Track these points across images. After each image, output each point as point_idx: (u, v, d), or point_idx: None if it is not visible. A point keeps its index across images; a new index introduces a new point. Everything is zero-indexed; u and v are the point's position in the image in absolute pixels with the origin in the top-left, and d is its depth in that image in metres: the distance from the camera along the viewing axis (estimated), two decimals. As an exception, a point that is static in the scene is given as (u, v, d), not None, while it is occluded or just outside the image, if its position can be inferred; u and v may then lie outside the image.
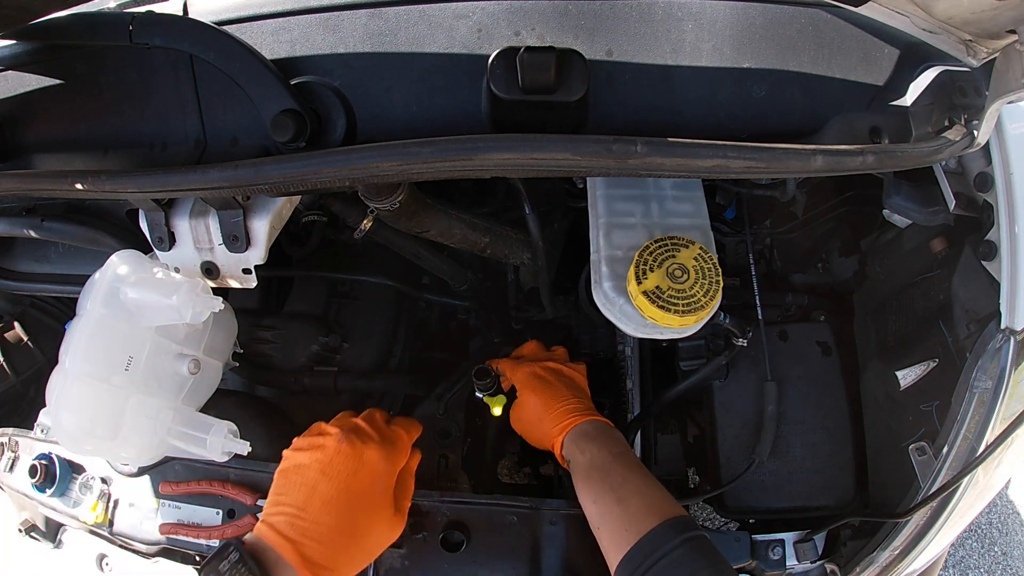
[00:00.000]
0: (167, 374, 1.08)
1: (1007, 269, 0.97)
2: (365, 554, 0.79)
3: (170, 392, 1.09)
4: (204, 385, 1.18)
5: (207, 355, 1.17)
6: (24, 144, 0.96)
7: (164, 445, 1.07)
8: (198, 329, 1.14)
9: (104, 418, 0.98)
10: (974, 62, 0.83)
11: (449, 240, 1.18)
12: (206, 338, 1.17)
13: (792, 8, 0.83)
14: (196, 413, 1.11)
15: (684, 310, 0.98)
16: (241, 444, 1.05)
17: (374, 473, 0.79)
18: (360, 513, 0.77)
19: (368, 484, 0.79)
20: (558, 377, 1.14)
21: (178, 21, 0.85)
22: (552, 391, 1.10)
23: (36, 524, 1.39)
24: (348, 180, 0.77)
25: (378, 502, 0.79)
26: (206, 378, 1.18)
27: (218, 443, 1.04)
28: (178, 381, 1.10)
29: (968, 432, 0.99)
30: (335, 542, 0.74)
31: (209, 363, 1.18)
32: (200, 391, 1.17)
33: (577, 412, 1.06)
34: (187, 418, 1.07)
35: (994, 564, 2.44)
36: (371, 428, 0.88)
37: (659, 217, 1.12)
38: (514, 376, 1.17)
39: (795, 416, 1.28)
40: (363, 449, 0.81)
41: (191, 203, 1.01)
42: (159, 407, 1.06)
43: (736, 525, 1.23)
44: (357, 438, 0.83)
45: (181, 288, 0.95)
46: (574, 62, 0.77)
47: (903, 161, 0.78)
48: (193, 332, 1.13)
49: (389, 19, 0.83)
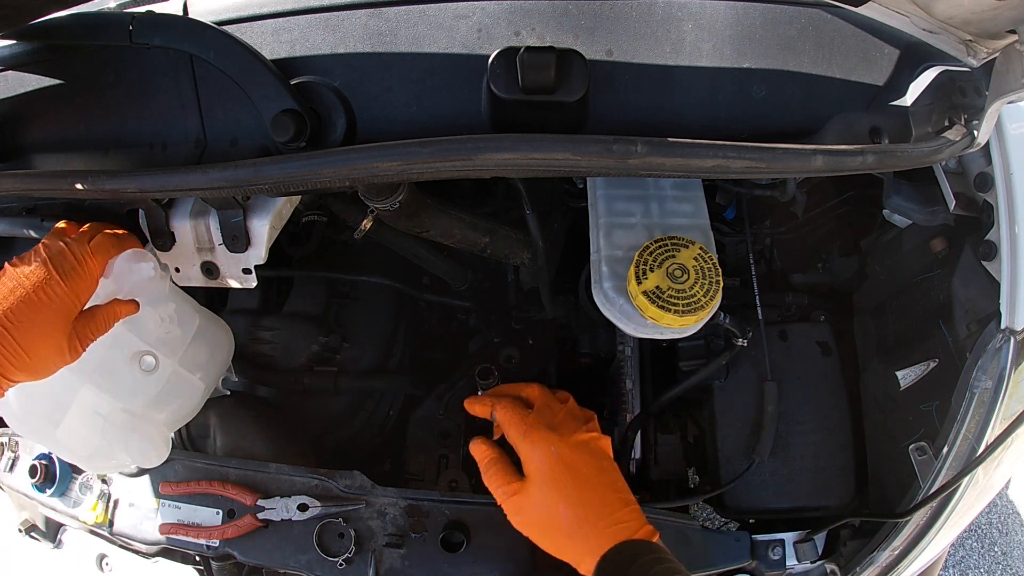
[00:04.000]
0: (123, 370, 1.01)
1: (1007, 269, 0.97)
2: (36, 368, 0.84)
3: (126, 392, 1.03)
4: (178, 403, 1.10)
5: (183, 367, 1.09)
6: (24, 144, 0.96)
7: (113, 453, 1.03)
8: (176, 335, 1.06)
9: (50, 400, 0.95)
10: (974, 62, 0.83)
11: (449, 240, 1.18)
12: (184, 347, 1.08)
13: (792, 8, 0.83)
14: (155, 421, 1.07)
15: (684, 310, 0.98)
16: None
17: (55, 295, 0.82)
18: (35, 331, 0.82)
19: (47, 303, 0.82)
20: (596, 466, 0.88)
21: (178, 21, 0.85)
22: (591, 493, 0.85)
23: (36, 524, 1.40)
24: (348, 180, 0.77)
25: (53, 325, 0.83)
26: (180, 391, 1.10)
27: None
28: (137, 381, 1.03)
29: (968, 432, 0.99)
30: (11, 347, 0.79)
31: (185, 377, 1.10)
32: (172, 408, 1.10)
33: (626, 525, 0.84)
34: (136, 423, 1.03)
35: (994, 564, 2.44)
36: (71, 254, 0.86)
37: (659, 217, 1.12)
38: (531, 456, 0.91)
39: (795, 416, 1.28)
40: (54, 275, 0.82)
41: (191, 203, 1.01)
42: (112, 406, 1.01)
43: (736, 525, 1.23)
44: (57, 262, 0.84)
45: (122, 256, 0.91)
46: (574, 62, 0.77)
47: (903, 161, 0.79)
48: (168, 336, 1.05)
49: (389, 19, 0.83)
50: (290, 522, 1.12)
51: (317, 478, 1.15)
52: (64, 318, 0.84)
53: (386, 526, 1.11)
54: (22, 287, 0.81)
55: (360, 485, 1.14)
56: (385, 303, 1.57)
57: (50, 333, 0.83)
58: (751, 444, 1.28)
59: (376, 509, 1.12)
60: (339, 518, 1.11)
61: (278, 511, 1.13)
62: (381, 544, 1.10)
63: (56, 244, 0.86)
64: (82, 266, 0.86)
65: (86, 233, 0.90)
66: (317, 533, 1.10)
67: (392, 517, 1.11)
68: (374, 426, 1.53)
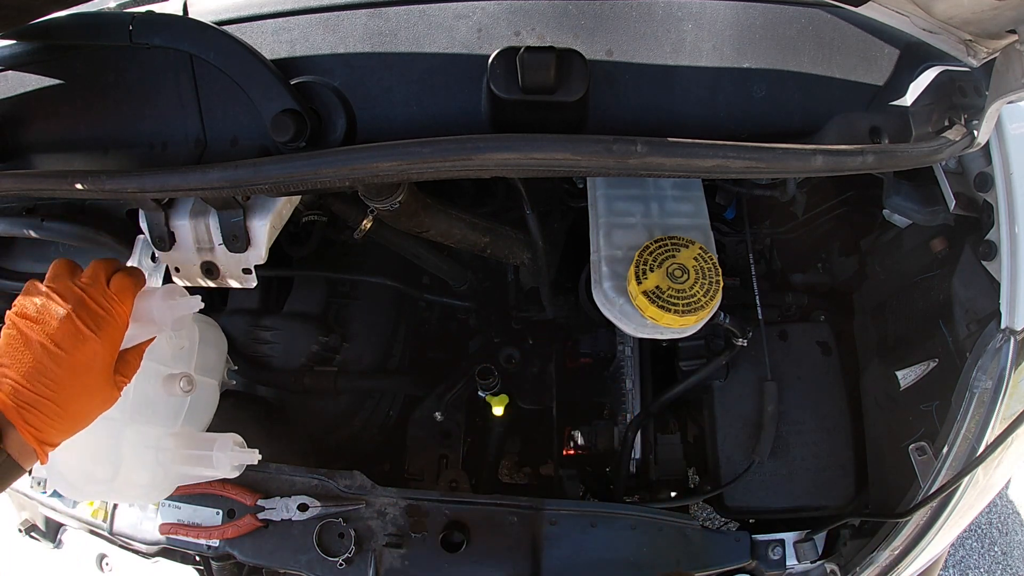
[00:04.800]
0: (160, 398, 1.00)
1: (1007, 269, 0.97)
2: (79, 425, 0.81)
3: (167, 417, 1.04)
4: (203, 406, 1.13)
5: (200, 374, 1.10)
6: (24, 144, 0.96)
7: (172, 475, 1.03)
8: (185, 347, 1.07)
9: (102, 456, 0.93)
10: (974, 62, 0.83)
11: (449, 240, 1.18)
12: (195, 356, 1.09)
13: (792, 8, 0.83)
14: (198, 433, 1.07)
15: (684, 310, 0.98)
16: (249, 453, 1.02)
17: (94, 353, 0.79)
18: (78, 390, 0.78)
19: (87, 363, 0.79)
20: None
21: (178, 21, 0.85)
22: None
23: (36, 524, 1.39)
24: (348, 180, 0.77)
25: (96, 380, 0.80)
26: (203, 398, 1.12)
27: (225, 458, 1.00)
28: (173, 404, 1.04)
29: (968, 432, 0.99)
30: (54, 414, 0.77)
31: (204, 382, 1.12)
32: (200, 413, 1.12)
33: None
34: (189, 440, 1.03)
35: (994, 564, 2.44)
36: (96, 305, 0.80)
37: (659, 217, 1.12)
38: None
39: (795, 416, 1.29)
40: (86, 332, 0.78)
41: (191, 203, 1.01)
42: (159, 435, 1.01)
43: (736, 525, 1.23)
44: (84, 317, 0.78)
45: (155, 295, 0.87)
46: (574, 62, 0.77)
47: (903, 161, 0.78)
48: (181, 352, 1.06)
49: (389, 19, 0.83)
50: (290, 522, 1.12)
51: (317, 478, 1.15)
52: (106, 372, 0.81)
53: (386, 526, 1.11)
54: (58, 349, 0.76)
55: (360, 485, 1.14)
56: (385, 303, 1.57)
57: (95, 391, 0.80)
58: (751, 444, 1.28)
59: (376, 509, 1.12)
60: (339, 518, 1.11)
61: (278, 511, 1.13)
62: (381, 544, 1.10)
63: (72, 292, 0.79)
64: (111, 316, 0.81)
65: (98, 276, 0.83)
66: (317, 533, 1.10)
67: (392, 517, 1.11)
68: (374, 426, 1.53)
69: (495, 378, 1.23)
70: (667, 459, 1.40)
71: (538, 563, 1.07)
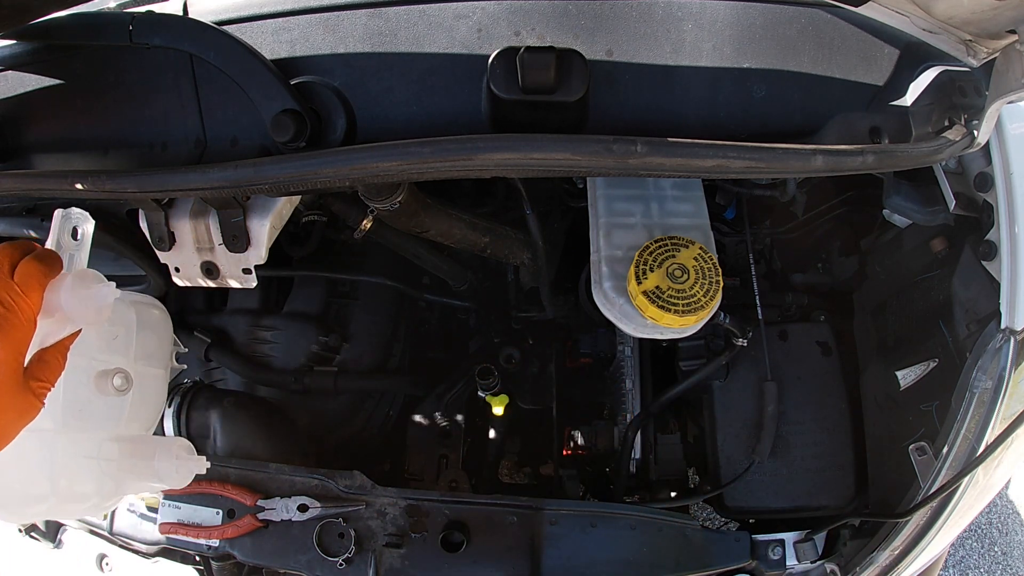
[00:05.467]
0: (95, 398, 0.84)
1: (1007, 269, 0.97)
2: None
3: (106, 420, 0.88)
4: (149, 401, 0.97)
5: (141, 364, 0.93)
6: (24, 144, 0.96)
7: (122, 484, 0.89)
8: (120, 336, 0.90)
9: (35, 473, 0.80)
10: (974, 62, 0.83)
11: (449, 240, 1.18)
12: (134, 345, 0.92)
13: (792, 8, 0.83)
14: (143, 436, 0.93)
15: (684, 310, 0.98)
16: (197, 461, 0.90)
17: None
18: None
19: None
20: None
21: (178, 21, 0.85)
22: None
23: (36, 524, 1.39)
24: (348, 180, 0.77)
25: (3, 392, 0.66)
26: (148, 392, 0.96)
27: (169, 467, 0.87)
28: (112, 404, 0.88)
29: (968, 432, 0.99)
30: None
31: (145, 374, 0.94)
32: (145, 409, 0.96)
33: None
34: (133, 445, 0.88)
35: (994, 564, 2.44)
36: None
37: (659, 217, 1.12)
38: None
39: (795, 416, 1.29)
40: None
41: (191, 203, 1.01)
42: (99, 441, 0.86)
43: (736, 525, 1.23)
44: None
45: (63, 283, 0.71)
46: (574, 62, 0.77)
47: (903, 161, 0.79)
48: (115, 342, 0.89)
49: (389, 19, 0.83)
50: (290, 522, 1.12)
51: (317, 478, 1.15)
52: (14, 381, 0.67)
53: (386, 526, 1.11)
54: None
55: (360, 485, 1.14)
56: (385, 303, 1.57)
57: (5, 405, 0.66)
58: (751, 444, 1.28)
59: (376, 509, 1.12)
60: (339, 518, 1.11)
61: (278, 511, 1.13)
62: (381, 544, 1.10)
63: None
64: (14, 313, 0.67)
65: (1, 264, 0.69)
66: (317, 533, 1.10)
67: (392, 517, 1.11)
68: (374, 426, 1.53)
69: (495, 378, 1.23)
70: (667, 459, 1.40)
71: (538, 563, 1.07)
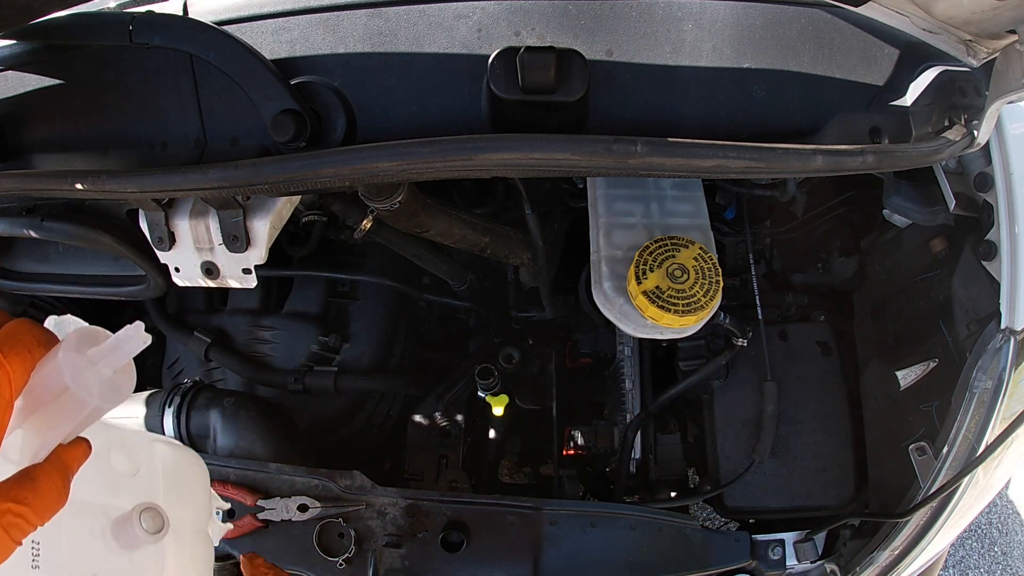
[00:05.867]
0: (113, 558, 0.59)
1: (1007, 269, 0.97)
2: None
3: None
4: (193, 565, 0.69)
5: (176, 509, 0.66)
6: (24, 144, 0.96)
7: None
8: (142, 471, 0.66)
9: None
10: (974, 62, 0.84)
11: (449, 240, 1.18)
12: (162, 483, 0.68)
13: (792, 8, 0.83)
14: None
15: (684, 310, 0.98)
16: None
17: None
18: None
19: None
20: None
21: (178, 21, 0.85)
22: None
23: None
24: (348, 180, 0.77)
25: None
26: (191, 550, 0.69)
27: None
28: (140, 562, 0.61)
29: (968, 432, 0.99)
30: None
31: (183, 522, 0.69)
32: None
33: None
34: None
35: (994, 564, 2.44)
36: None
37: (659, 217, 1.12)
38: None
39: (795, 416, 1.28)
40: None
41: (191, 203, 1.01)
42: None
43: (736, 525, 1.23)
44: None
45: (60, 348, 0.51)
46: (574, 62, 0.77)
47: (903, 161, 0.79)
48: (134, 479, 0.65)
49: (389, 19, 0.83)
50: (290, 522, 1.12)
51: (317, 478, 1.15)
52: None
53: (386, 526, 1.11)
54: None
55: (360, 485, 1.14)
56: (385, 303, 1.57)
57: None
58: (751, 444, 1.28)
59: (376, 509, 1.12)
60: (339, 518, 1.11)
61: (278, 511, 1.13)
62: (381, 544, 1.10)
63: None
64: None
65: None
66: (317, 533, 1.10)
67: (392, 517, 1.11)
68: (374, 426, 1.53)
69: (495, 378, 1.23)
70: (667, 459, 1.40)
71: (538, 563, 1.07)
